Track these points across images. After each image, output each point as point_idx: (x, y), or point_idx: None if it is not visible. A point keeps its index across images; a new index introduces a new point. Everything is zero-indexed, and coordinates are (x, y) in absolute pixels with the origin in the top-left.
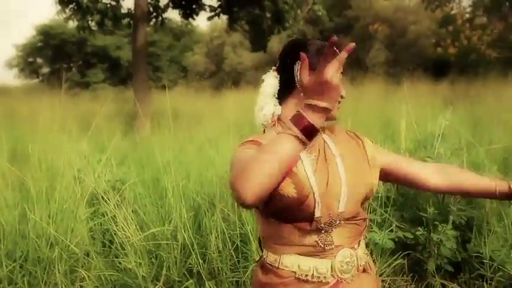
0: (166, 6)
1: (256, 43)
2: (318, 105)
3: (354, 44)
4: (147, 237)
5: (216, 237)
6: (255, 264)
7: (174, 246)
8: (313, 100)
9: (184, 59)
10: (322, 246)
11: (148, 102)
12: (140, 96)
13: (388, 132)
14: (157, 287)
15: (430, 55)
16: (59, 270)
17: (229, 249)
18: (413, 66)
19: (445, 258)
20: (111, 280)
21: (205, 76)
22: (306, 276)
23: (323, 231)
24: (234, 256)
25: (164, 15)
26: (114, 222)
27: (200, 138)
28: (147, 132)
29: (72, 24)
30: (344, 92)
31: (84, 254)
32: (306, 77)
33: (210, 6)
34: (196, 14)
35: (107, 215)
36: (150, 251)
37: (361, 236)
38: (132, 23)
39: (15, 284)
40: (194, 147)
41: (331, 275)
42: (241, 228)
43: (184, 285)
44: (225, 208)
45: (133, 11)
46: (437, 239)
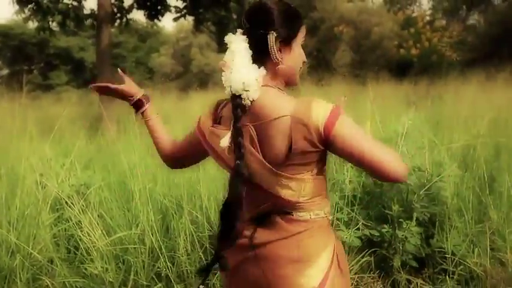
0: (131, 7)
1: (223, 44)
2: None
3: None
4: (114, 242)
5: (184, 239)
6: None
7: (142, 250)
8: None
9: (151, 61)
10: None
11: (114, 105)
12: (105, 98)
13: None
14: None
15: (393, 56)
16: (20, 279)
17: (198, 252)
18: (378, 67)
19: (409, 254)
20: (77, 287)
21: (172, 77)
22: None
23: None
24: (203, 258)
25: (129, 16)
26: (79, 228)
27: None
28: (113, 135)
29: (32, 24)
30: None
31: (47, 261)
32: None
33: (175, 7)
34: (162, 15)
35: (72, 220)
36: (117, 256)
37: None
38: (95, 23)
39: None
40: None
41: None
42: (210, 230)
43: None
44: (193, 210)
45: (96, 12)
46: (402, 235)
